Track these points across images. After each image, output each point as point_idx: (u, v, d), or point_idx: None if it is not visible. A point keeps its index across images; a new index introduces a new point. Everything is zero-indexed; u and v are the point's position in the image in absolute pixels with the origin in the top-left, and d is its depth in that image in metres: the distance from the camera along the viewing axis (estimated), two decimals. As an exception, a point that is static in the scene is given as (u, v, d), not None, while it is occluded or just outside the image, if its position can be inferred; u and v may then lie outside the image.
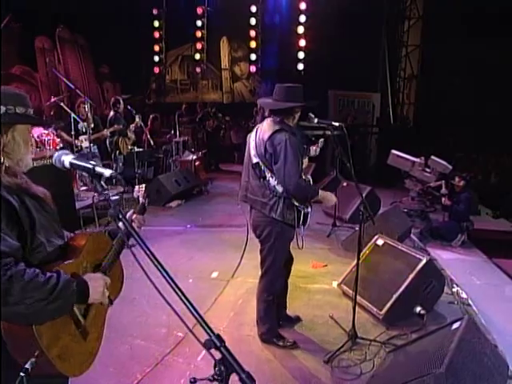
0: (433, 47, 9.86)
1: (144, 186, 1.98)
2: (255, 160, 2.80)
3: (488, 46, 8.53)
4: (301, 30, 10.39)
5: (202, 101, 11.62)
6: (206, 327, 0.99)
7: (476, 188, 7.43)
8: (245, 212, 5.62)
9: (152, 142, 6.88)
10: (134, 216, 1.85)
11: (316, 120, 2.94)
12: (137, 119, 7.02)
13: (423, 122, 10.21)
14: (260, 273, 3.06)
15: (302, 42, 10.40)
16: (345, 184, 6.18)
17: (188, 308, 1.04)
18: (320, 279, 4.22)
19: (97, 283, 1.47)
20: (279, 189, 2.75)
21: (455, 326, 2.37)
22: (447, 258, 5.33)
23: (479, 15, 8.58)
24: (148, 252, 1.12)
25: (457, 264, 5.16)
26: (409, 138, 9.83)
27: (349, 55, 9.30)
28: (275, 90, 2.86)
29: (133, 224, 1.79)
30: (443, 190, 5.82)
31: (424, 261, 3.40)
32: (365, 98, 10.35)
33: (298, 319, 3.41)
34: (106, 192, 1.31)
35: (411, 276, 3.37)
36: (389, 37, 10.65)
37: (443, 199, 5.79)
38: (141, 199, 1.90)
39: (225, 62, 11.99)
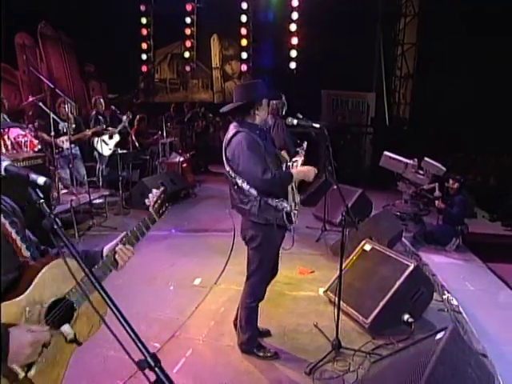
0: (429, 46, 9.88)
1: (161, 190, 1.68)
2: (227, 168, 2.83)
3: (487, 45, 8.55)
4: (293, 27, 10.39)
5: (192, 100, 11.60)
6: (140, 345, 0.95)
7: (474, 190, 7.45)
8: (232, 216, 5.62)
9: (137, 144, 6.82)
10: (119, 247, 1.58)
11: (295, 121, 2.91)
12: (124, 118, 6.96)
13: (420, 122, 10.20)
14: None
15: (295, 40, 10.40)
16: (335, 187, 6.12)
17: (122, 324, 0.99)
18: (306, 286, 4.19)
19: (20, 343, 1.20)
20: (253, 192, 2.76)
21: (439, 336, 2.34)
22: (441, 263, 5.33)
23: (478, 13, 8.60)
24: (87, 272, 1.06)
25: (450, 269, 5.16)
26: (405, 138, 9.85)
27: (343, 54, 9.29)
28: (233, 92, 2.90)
29: (116, 256, 1.56)
30: (437, 193, 5.82)
31: (411, 267, 3.38)
32: (359, 97, 10.36)
33: (267, 333, 3.34)
34: (42, 201, 1.25)
35: (398, 283, 3.34)
36: (384, 35, 10.66)
37: (437, 202, 5.78)
38: (151, 209, 1.60)
39: (215, 60, 11.97)
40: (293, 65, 10.50)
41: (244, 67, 11.17)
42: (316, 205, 6.25)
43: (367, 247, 3.83)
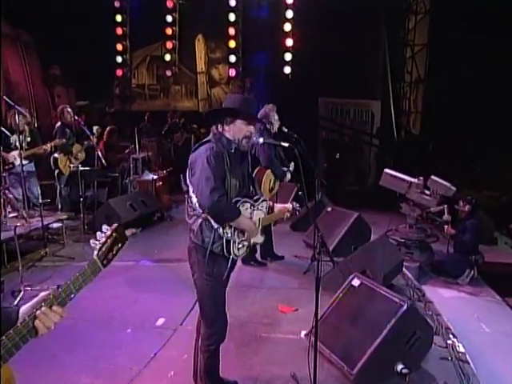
0: (443, 47, 9.95)
1: (114, 228, 1.56)
2: (187, 174, 2.89)
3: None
4: (287, 27, 10.46)
5: (174, 109, 11.64)
6: None
7: (496, 211, 7.38)
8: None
9: (103, 160, 6.79)
10: (42, 310, 1.42)
11: (261, 139, 2.93)
12: (91, 137, 6.90)
13: (432, 133, 10.23)
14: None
15: (289, 42, 10.46)
16: (329, 209, 6.15)
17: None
18: (287, 327, 4.10)
19: None
20: (199, 206, 2.81)
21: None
22: (451, 299, 5.27)
23: (503, 11, 8.62)
24: None
25: (462, 306, 5.10)
26: (415, 152, 9.87)
27: (343, 56, 9.35)
28: None
29: (36, 322, 1.41)
30: (445, 217, 5.77)
31: (405, 307, 3.29)
32: (362, 106, 10.42)
33: None
34: None
35: (389, 326, 3.25)
36: (390, 35, 10.74)
37: (446, 227, 5.75)
38: (94, 256, 1.48)
39: (200, 64, 12.04)
40: (287, 69, 10.54)
41: (232, 72, 11.22)
42: (307, 230, 6.20)
43: (355, 282, 3.76)
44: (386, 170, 6.22)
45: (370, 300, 3.59)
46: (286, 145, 2.96)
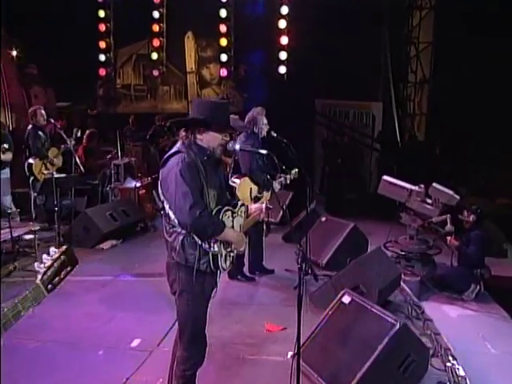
0: (449, 45, 9.96)
1: (62, 251, 1.48)
2: (159, 190, 2.87)
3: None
4: (282, 24, 10.47)
5: (162, 111, 11.65)
6: None
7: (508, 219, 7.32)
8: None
9: (81, 166, 6.78)
10: None
11: (238, 146, 2.94)
12: (69, 142, 6.87)
13: (438, 136, 10.24)
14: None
15: (285, 40, 10.47)
16: (323, 219, 6.14)
17: None
18: (273, 348, 4.07)
19: None
20: (179, 225, 2.79)
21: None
22: (454, 316, 5.20)
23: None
24: None
25: (466, 325, 5.05)
26: (420, 157, 9.84)
27: (342, 55, 9.39)
28: None
29: None
30: (448, 227, 5.72)
31: (397, 326, 3.26)
32: (363, 108, 10.40)
33: None
34: None
35: (380, 347, 3.21)
36: (393, 32, 10.75)
37: (448, 239, 5.70)
38: (37, 280, 1.43)
39: (190, 63, 12.06)
40: (282, 69, 10.55)
41: (223, 72, 11.24)
42: (301, 241, 6.16)
43: (346, 299, 3.74)
44: (385, 177, 6.20)
45: (360, 319, 3.56)
46: (264, 152, 2.94)
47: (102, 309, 4.81)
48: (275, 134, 5.29)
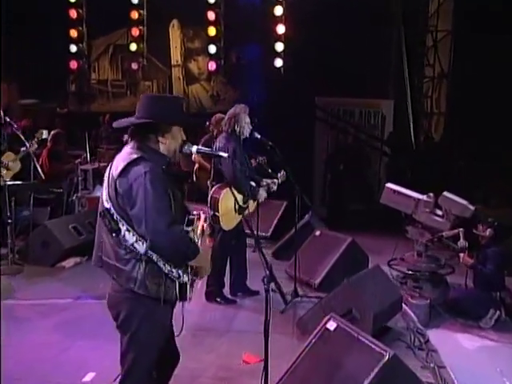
0: (472, 34, 9.95)
1: None
2: (107, 205, 2.76)
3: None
4: (279, 10, 10.53)
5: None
6: None
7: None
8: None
9: (40, 171, 6.77)
10: None
11: (194, 148, 2.94)
12: (28, 145, 6.85)
13: (459, 138, 10.21)
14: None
15: (281, 29, 10.52)
16: (317, 233, 6.14)
17: None
18: (247, 383, 3.98)
19: None
20: (139, 247, 2.67)
21: None
22: (469, 347, 5.14)
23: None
24: None
25: (482, 357, 4.99)
26: (437, 161, 9.81)
27: (347, 46, 9.40)
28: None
29: None
30: (461, 243, 5.66)
31: (385, 358, 3.20)
32: (371, 106, 10.43)
33: None
34: None
35: (366, 382, 3.15)
36: (407, 20, 10.77)
37: (461, 256, 5.65)
38: None
39: (176, 55, 12.16)
40: (278, 62, 10.59)
41: (212, 65, 11.28)
42: (291, 258, 6.17)
43: (331, 325, 3.68)
44: (388, 185, 6.16)
45: (346, 348, 3.50)
46: (225, 155, 2.93)
47: (58, 337, 4.75)
48: (259, 136, 5.33)
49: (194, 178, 7.63)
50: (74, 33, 11.55)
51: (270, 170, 5.91)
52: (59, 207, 7.87)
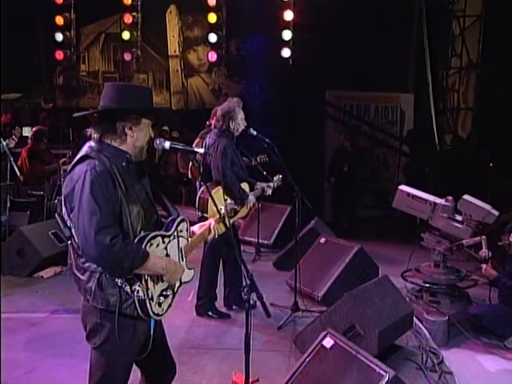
0: (504, 19, 9.91)
1: None
2: (63, 208, 2.76)
3: None
4: (287, -6, 10.56)
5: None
6: None
7: None
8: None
9: (18, 172, 6.82)
10: None
11: (167, 144, 2.94)
12: (4, 143, 6.92)
13: (488, 136, 10.17)
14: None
15: (289, 15, 10.54)
16: (322, 240, 6.13)
17: None
18: (237, 408, 3.98)
19: None
20: (84, 257, 2.71)
21: None
22: (492, 369, 5.10)
23: None
24: None
25: (508, 381, 4.94)
26: (465, 163, 9.74)
27: (362, 34, 9.39)
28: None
29: None
30: (483, 252, 5.61)
31: (385, 379, 3.19)
32: (388, 100, 10.44)
33: None
34: None
35: (364, 406, 3.13)
36: (430, 3, 10.70)
37: (483, 267, 5.61)
38: None
39: (173, 45, 12.25)
40: (286, 52, 10.62)
41: (213, 56, 11.34)
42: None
43: (327, 342, 3.70)
44: (402, 187, 6.13)
45: (344, 367, 3.53)
46: (201, 151, 2.93)
47: (27, 354, 4.74)
48: (255, 133, 5.35)
49: (190, 176, 7.62)
50: (59, 20, 11.58)
51: (265, 173, 5.92)
52: (40, 211, 7.89)
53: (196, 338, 5.07)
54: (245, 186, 5.38)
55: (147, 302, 2.69)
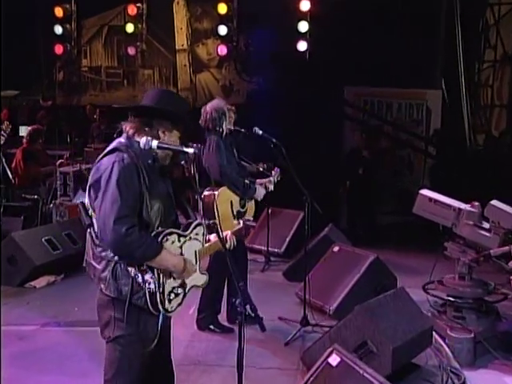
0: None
1: None
2: (87, 199, 3.04)
3: None
4: (303, -18, 10.59)
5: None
6: None
7: None
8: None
9: (10, 174, 6.89)
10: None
11: (155, 143, 3.04)
12: (2, 129, 7.02)
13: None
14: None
15: (305, 5, 10.57)
16: (336, 249, 6.12)
17: None
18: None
19: None
20: (100, 242, 2.97)
21: None
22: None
23: None
24: None
25: None
26: (499, 165, 9.66)
27: (384, 26, 9.39)
28: None
29: None
30: (512, 263, 5.57)
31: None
32: (413, 97, 10.41)
33: None
34: None
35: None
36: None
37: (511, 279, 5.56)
38: None
39: (181, 38, 12.34)
40: (303, 45, 10.66)
41: (223, 49, 11.36)
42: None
43: (333, 360, 3.69)
44: (423, 192, 6.08)
45: (350, 386, 3.48)
46: (191, 150, 3.04)
47: (12, 370, 4.73)
48: (260, 132, 5.42)
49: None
50: (59, 11, 11.68)
51: (261, 169, 5.96)
52: (34, 216, 7.96)
53: (196, 354, 5.09)
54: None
55: (158, 295, 2.93)
